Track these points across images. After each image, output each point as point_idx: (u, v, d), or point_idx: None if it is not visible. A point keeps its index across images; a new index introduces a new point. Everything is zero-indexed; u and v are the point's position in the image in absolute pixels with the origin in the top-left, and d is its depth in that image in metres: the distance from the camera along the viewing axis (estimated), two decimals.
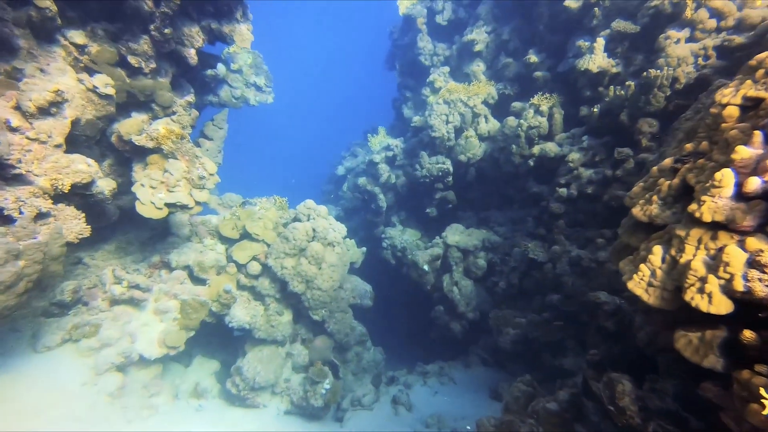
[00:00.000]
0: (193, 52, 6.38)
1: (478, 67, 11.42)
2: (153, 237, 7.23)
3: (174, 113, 6.31)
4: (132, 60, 5.93)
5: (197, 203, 6.11)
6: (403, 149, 11.85)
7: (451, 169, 10.71)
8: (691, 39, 7.04)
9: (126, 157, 6.09)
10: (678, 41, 6.91)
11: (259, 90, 10.41)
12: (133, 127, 5.79)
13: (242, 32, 6.77)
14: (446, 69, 12.03)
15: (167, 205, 5.72)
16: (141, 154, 5.93)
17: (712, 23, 6.88)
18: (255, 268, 7.75)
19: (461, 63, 12.20)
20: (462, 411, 8.15)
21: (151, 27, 5.92)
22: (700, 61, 6.85)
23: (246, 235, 7.78)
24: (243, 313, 7.52)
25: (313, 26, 60.35)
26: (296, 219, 8.24)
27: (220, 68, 8.67)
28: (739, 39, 6.53)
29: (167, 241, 7.02)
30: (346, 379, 9.31)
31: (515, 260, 8.88)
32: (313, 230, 7.87)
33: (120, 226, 6.96)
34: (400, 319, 13.19)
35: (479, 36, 11.36)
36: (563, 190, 7.99)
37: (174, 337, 6.15)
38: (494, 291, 9.80)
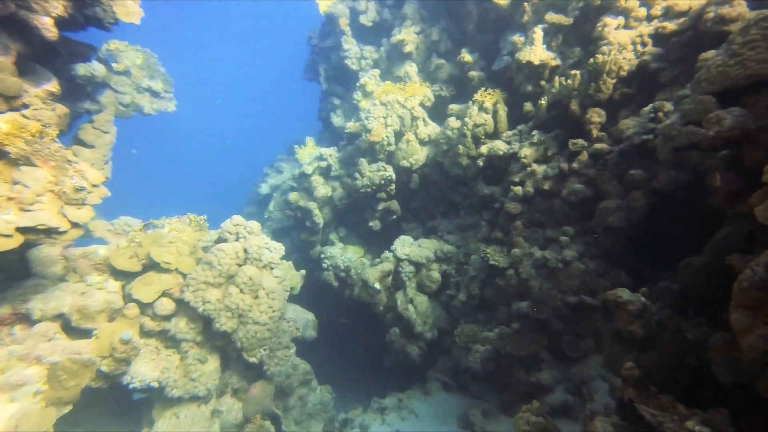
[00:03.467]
0: (48, 21, 4.77)
1: (411, 68, 11.00)
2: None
3: (26, 106, 4.63)
4: None
5: (74, 225, 4.49)
6: (339, 158, 10.87)
7: (393, 176, 9.95)
8: (626, 27, 7.14)
9: None
10: (618, 28, 6.95)
11: (155, 96, 8.77)
12: None
13: (125, 3, 5.35)
14: (377, 72, 11.44)
15: (21, 230, 4.05)
16: None
17: (643, 12, 7.04)
18: (166, 306, 6.11)
19: (391, 66, 11.72)
20: None
21: None
22: (639, 48, 6.93)
23: (152, 266, 6.14)
24: (149, 367, 5.82)
25: (218, 32, 55.23)
26: (221, 240, 6.79)
27: (98, 68, 6.95)
28: (671, 26, 6.70)
29: (24, 285, 5.10)
30: (288, 428, 7.83)
31: (474, 269, 8.26)
32: (245, 251, 6.50)
33: None
34: (348, 349, 11.92)
35: (408, 36, 10.98)
36: (518, 189, 7.59)
37: (35, 419, 4.30)
38: (451, 305, 9.08)
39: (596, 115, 6.96)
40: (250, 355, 6.44)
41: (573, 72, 7.17)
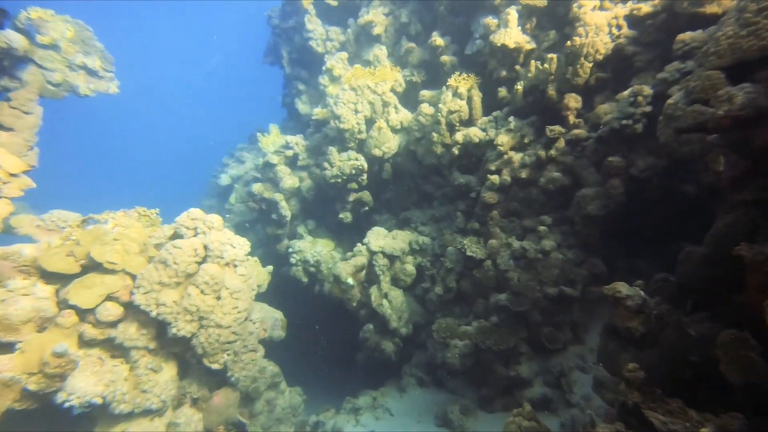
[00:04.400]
0: None
1: (381, 51, 10.53)
2: None
3: None
4: None
5: None
6: (306, 147, 10.30)
7: (365, 166, 9.51)
8: (601, 9, 6.99)
9: None
10: (594, 9, 6.77)
11: (93, 75, 7.84)
12: None
13: None
14: (344, 55, 10.90)
15: None
16: None
17: None
18: (112, 311, 5.45)
19: (360, 49, 11.21)
20: None
21: None
22: (614, 30, 6.79)
23: (93, 267, 5.44)
24: (91, 381, 5.15)
25: (168, 8, 50.25)
26: (177, 236, 6.15)
27: (15, 38, 5.98)
28: (646, 8, 6.58)
29: None
30: None
31: (450, 261, 8.00)
32: (205, 248, 5.90)
33: None
34: (318, 348, 11.47)
35: (377, 18, 10.49)
36: (495, 177, 7.36)
37: None
38: (426, 299, 8.81)
39: (573, 101, 6.80)
40: (212, 361, 5.89)
41: (549, 56, 6.96)
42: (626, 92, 6.09)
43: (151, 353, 5.88)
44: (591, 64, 6.54)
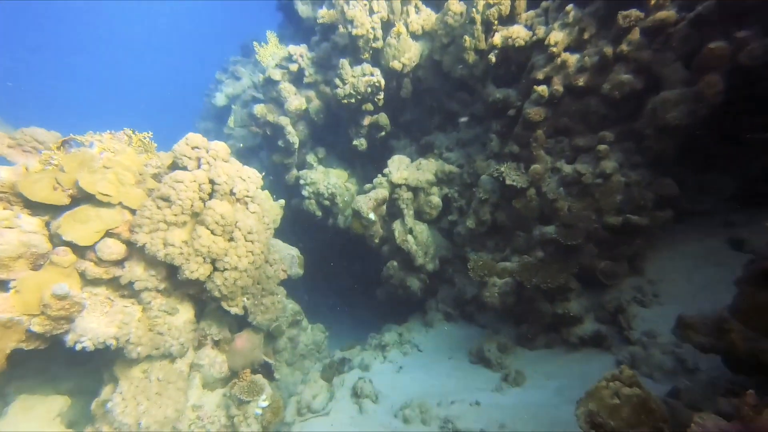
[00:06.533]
0: None
1: None
2: None
3: None
4: None
5: None
6: (312, 59, 9.14)
7: (382, 82, 8.46)
8: None
9: None
10: None
11: None
12: None
13: None
14: None
15: None
16: None
17: None
18: (114, 249, 4.86)
19: None
20: (442, 388, 6.66)
21: None
22: None
23: (84, 198, 4.75)
24: (102, 322, 4.71)
25: None
26: (177, 166, 5.40)
27: None
28: None
29: None
30: (280, 372, 7.21)
31: (485, 191, 7.32)
32: (211, 182, 5.17)
33: None
34: (337, 283, 11.22)
35: None
36: (543, 88, 6.43)
37: None
38: (454, 232, 8.28)
39: None
40: (231, 305, 5.44)
41: None
42: None
43: (163, 294, 5.41)
44: None
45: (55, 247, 4.31)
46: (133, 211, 5.02)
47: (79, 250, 4.54)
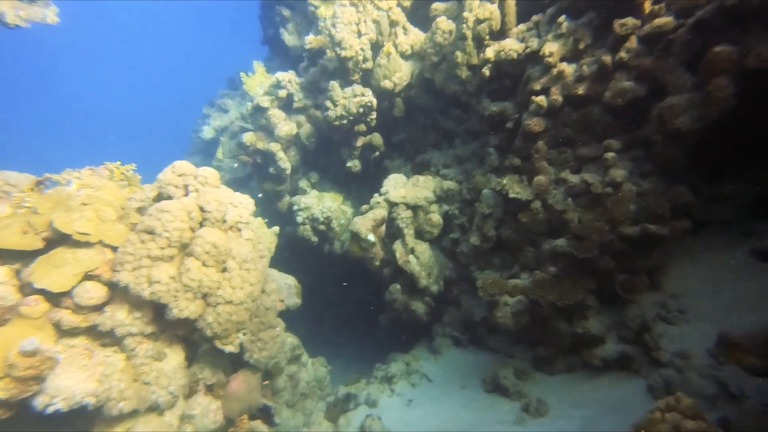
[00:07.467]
0: None
1: None
2: None
3: None
4: None
5: None
6: (301, 85, 8.99)
7: (374, 102, 8.30)
8: None
9: None
10: None
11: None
12: None
13: None
14: None
15: None
16: None
17: None
18: (93, 293, 4.48)
19: None
20: (458, 422, 6.22)
21: None
22: None
23: (60, 240, 4.40)
24: (79, 378, 4.27)
25: None
26: (163, 196, 5.08)
27: None
28: None
29: None
30: (281, 415, 6.71)
31: (487, 205, 7.06)
32: (201, 209, 4.85)
33: None
34: (336, 311, 10.79)
35: None
36: (542, 99, 6.26)
37: None
38: (457, 251, 7.96)
39: None
40: (226, 343, 5.04)
41: None
42: None
43: (149, 338, 4.99)
44: None
45: (25, 297, 3.93)
46: (115, 249, 4.66)
47: (54, 298, 4.16)
